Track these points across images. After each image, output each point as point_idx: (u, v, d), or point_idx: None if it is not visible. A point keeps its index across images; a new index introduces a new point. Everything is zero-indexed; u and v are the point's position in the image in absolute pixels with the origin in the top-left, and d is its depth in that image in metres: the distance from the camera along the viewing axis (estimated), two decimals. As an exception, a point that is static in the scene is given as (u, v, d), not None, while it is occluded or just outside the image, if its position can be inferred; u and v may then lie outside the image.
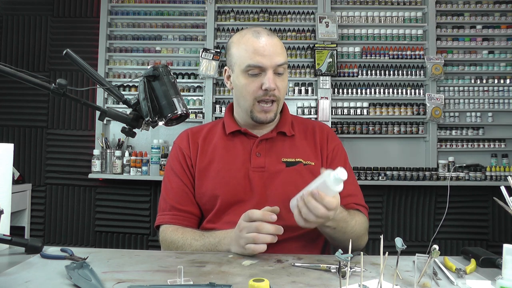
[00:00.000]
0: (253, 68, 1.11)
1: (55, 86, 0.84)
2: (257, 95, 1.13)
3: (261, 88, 1.12)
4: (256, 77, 1.12)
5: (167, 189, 1.23)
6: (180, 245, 1.10)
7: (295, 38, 3.19)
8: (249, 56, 1.12)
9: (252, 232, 0.95)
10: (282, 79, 1.15)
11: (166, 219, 1.19)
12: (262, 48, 1.11)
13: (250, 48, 1.12)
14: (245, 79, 1.14)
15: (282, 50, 1.15)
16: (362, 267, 0.72)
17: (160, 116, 0.90)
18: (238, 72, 1.15)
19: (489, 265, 0.91)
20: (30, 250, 0.97)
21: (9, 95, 3.17)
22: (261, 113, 1.15)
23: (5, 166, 1.06)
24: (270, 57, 1.11)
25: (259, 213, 0.96)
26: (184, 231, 1.13)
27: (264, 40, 1.12)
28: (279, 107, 1.19)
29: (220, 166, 1.18)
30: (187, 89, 3.20)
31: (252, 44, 1.12)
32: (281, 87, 1.15)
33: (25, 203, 3.00)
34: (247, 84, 1.13)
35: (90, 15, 3.24)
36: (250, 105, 1.15)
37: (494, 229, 3.11)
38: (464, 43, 3.18)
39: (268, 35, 1.14)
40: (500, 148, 3.10)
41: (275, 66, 1.12)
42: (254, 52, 1.11)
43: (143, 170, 2.99)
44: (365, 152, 3.13)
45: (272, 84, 1.11)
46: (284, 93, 1.18)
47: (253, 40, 1.13)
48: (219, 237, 1.06)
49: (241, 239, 0.97)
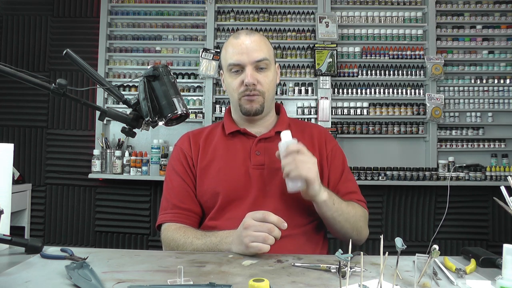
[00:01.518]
0: (233, 66, 1.20)
1: (55, 86, 0.84)
2: (239, 91, 1.20)
3: (243, 84, 1.19)
4: (238, 74, 1.20)
5: (168, 189, 1.24)
6: (182, 243, 1.10)
7: (295, 38, 3.19)
8: (229, 56, 1.20)
9: (262, 231, 0.95)
10: (265, 74, 1.21)
11: (168, 217, 1.20)
12: (240, 47, 1.19)
13: (230, 48, 1.21)
14: (229, 78, 1.23)
15: (261, 47, 1.20)
16: (362, 267, 0.72)
17: (160, 116, 0.90)
18: (225, 71, 1.25)
19: (489, 265, 0.91)
20: (30, 250, 0.97)
21: (9, 95, 3.18)
22: (247, 104, 1.21)
23: (5, 166, 1.06)
24: (248, 54, 1.18)
25: (276, 218, 0.96)
26: (186, 230, 1.14)
27: (242, 39, 1.20)
28: (266, 100, 1.22)
29: (220, 165, 1.21)
30: (187, 89, 3.20)
31: (231, 44, 1.21)
32: (264, 82, 1.20)
33: (25, 203, 3.00)
34: (231, 82, 1.22)
35: (90, 15, 3.24)
36: (237, 100, 1.22)
37: (494, 229, 3.11)
38: (464, 43, 3.18)
39: (247, 34, 1.21)
40: (500, 148, 3.10)
41: (253, 62, 1.18)
42: (233, 51, 1.19)
43: (143, 170, 2.99)
44: (365, 152, 3.13)
45: (251, 79, 1.17)
46: (270, 87, 1.23)
47: (232, 40, 1.22)
48: (220, 236, 1.06)
49: (246, 237, 0.96)
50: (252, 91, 1.18)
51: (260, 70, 1.20)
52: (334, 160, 1.26)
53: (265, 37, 1.26)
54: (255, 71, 1.19)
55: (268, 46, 1.23)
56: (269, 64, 1.21)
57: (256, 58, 1.18)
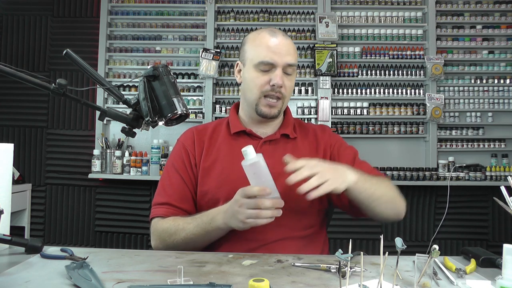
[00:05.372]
0: (265, 64, 1.16)
1: (55, 86, 0.84)
2: (264, 89, 1.17)
3: (269, 83, 1.16)
4: (266, 72, 1.17)
5: (165, 185, 1.23)
6: (173, 231, 1.10)
7: (295, 38, 3.19)
8: (262, 52, 1.16)
9: (252, 208, 0.96)
10: (289, 79, 1.19)
11: (161, 212, 1.18)
12: (276, 46, 1.16)
13: (265, 45, 1.16)
14: (255, 73, 1.18)
15: (294, 52, 1.19)
16: (362, 267, 0.72)
17: (160, 116, 0.89)
18: (249, 66, 1.19)
19: (489, 265, 0.91)
20: (30, 250, 0.97)
21: (9, 95, 3.18)
22: (266, 107, 1.18)
23: (5, 166, 1.06)
24: (282, 55, 1.15)
25: (256, 189, 0.97)
26: (175, 219, 1.14)
27: (279, 39, 1.17)
28: (284, 105, 1.21)
29: (223, 165, 1.19)
30: (187, 89, 3.20)
31: (267, 41, 1.17)
32: (288, 86, 1.19)
33: (25, 203, 3.00)
34: (256, 78, 1.17)
35: (90, 15, 3.24)
36: (256, 98, 1.18)
37: (494, 229, 3.11)
38: (464, 43, 3.18)
39: (283, 36, 1.19)
40: (500, 148, 3.10)
41: (285, 65, 1.16)
42: (267, 49, 1.16)
43: (143, 170, 2.98)
44: (365, 152, 3.09)
45: (280, 81, 1.15)
46: (290, 93, 1.22)
47: (268, 38, 1.17)
48: (212, 214, 1.07)
49: (240, 214, 0.98)
50: (277, 93, 1.17)
51: (286, 74, 1.18)
52: (343, 150, 1.24)
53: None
54: (283, 74, 1.17)
55: (296, 52, 1.22)
56: (294, 70, 1.21)
57: (288, 62, 1.16)
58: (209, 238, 1.10)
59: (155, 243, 1.16)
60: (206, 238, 1.09)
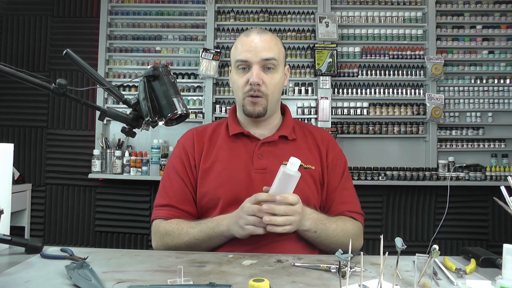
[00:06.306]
0: (240, 62, 1.17)
1: (55, 86, 0.84)
2: (244, 90, 1.18)
3: (248, 83, 1.16)
4: (244, 72, 1.18)
5: (166, 186, 1.22)
6: (177, 235, 1.10)
7: (295, 38, 3.19)
8: (238, 52, 1.19)
9: (251, 214, 0.98)
10: (271, 75, 1.18)
11: (163, 214, 1.18)
12: (249, 44, 1.17)
13: (239, 45, 1.19)
14: (236, 75, 1.20)
15: (271, 46, 1.18)
16: (362, 267, 0.72)
17: (160, 116, 0.89)
18: (232, 68, 1.24)
19: (489, 265, 0.91)
20: (30, 250, 0.98)
21: (9, 95, 3.17)
22: (251, 106, 1.19)
23: (5, 166, 1.06)
24: (256, 52, 1.16)
25: (265, 195, 0.98)
26: (179, 221, 1.14)
27: (252, 37, 1.18)
28: (270, 103, 1.19)
29: (223, 167, 1.19)
30: (187, 89, 3.20)
31: (242, 41, 1.19)
32: (269, 83, 1.17)
33: (25, 203, 3.00)
34: (237, 79, 1.20)
35: (90, 15, 3.24)
36: (241, 99, 1.20)
37: (494, 229, 3.11)
38: (464, 43, 3.18)
39: (258, 33, 1.19)
40: (500, 148, 3.10)
41: (261, 61, 1.16)
42: (242, 48, 1.18)
43: (143, 170, 2.99)
44: (365, 152, 3.13)
45: (256, 78, 1.14)
46: (275, 90, 1.20)
47: (243, 38, 1.20)
48: (217, 220, 1.08)
49: (241, 220, 1.00)
50: (256, 91, 1.15)
51: (267, 70, 1.17)
52: (335, 169, 1.24)
53: (278, 38, 1.24)
54: (261, 71, 1.16)
55: (278, 46, 1.20)
56: (277, 65, 1.18)
57: (263, 57, 1.15)
58: (211, 244, 1.11)
59: (156, 244, 1.16)
60: (208, 244, 1.10)
